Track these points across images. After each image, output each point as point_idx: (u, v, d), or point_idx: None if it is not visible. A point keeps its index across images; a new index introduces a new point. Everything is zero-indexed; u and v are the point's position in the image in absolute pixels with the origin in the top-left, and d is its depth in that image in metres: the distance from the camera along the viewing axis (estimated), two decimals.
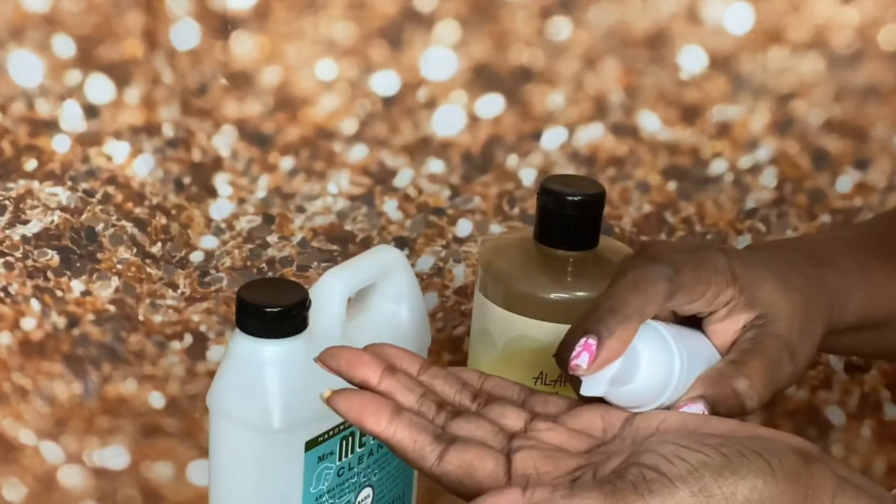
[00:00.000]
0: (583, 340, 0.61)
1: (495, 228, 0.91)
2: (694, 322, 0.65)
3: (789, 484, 0.55)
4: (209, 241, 0.91)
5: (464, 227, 0.91)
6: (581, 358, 0.60)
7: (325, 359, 0.60)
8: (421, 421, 0.59)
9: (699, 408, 0.62)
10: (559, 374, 0.73)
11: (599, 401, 0.62)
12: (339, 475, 0.73)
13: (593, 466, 0.57)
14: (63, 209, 0.90)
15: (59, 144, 0.88)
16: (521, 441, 0.59)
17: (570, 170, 0.89)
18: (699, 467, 0.54)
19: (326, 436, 0.71)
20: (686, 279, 0.63)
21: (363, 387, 0.60)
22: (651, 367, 0.61)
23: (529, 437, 0.60)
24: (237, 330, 0.69)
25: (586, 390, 0.61)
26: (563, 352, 0.63)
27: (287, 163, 0.88)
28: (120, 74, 0.86)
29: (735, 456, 0.54)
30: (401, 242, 0.91)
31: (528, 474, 0.57)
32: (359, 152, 0.88)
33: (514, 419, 0.61)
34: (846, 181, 0.91)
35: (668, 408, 0.62)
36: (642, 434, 0.60)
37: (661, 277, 0.63)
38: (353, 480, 0.74)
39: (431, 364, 0.63)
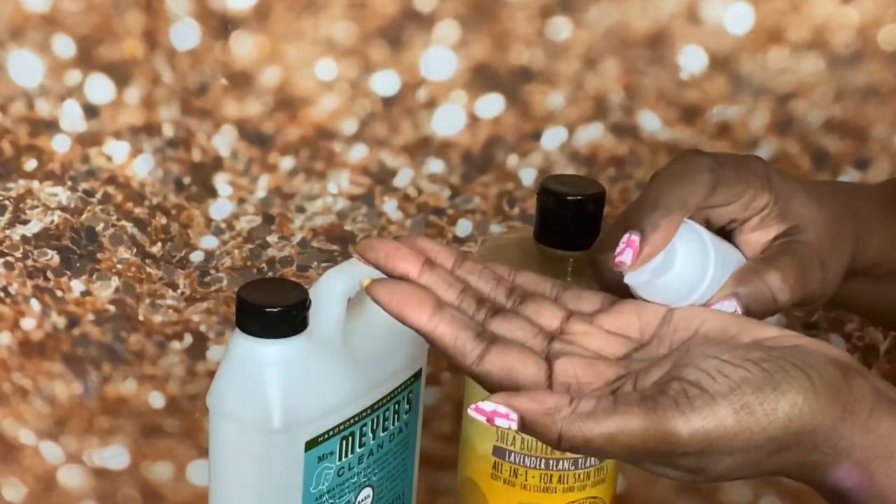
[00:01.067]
0: (626, 236, 0.61)
1: (495, 228, 0.91)
2: (724, 235, 0.65)
3: (829, 399, 0.55)
4: (209, 241, 0.91)
5: (464, 227, 0.91)
6: (625, 255, 0.61)
7: (362, 251, 0.60)
8: (462, 317, 0.59)
9: (732, 304, 0.62)
10: None
11: (631, 296, 0.62)
12: (339, 475, 0.73)
13: (633, 377, 0.57)
14: (63, 209, 0.90)
15: (59, 144, 0.88)
16: (561, 345, 0.60)
17: (570, 170, 0.89)
18: (741, 384, 0.54)
19: (326, 436, 0.71)
20: (728, 174, 0.63)
21: (401, 279, 0.60)
22: (686, 261, 0.61)
23: (568, 342, 0.60)
24: (237, 330, 0.69)
25: (630, 278, 0.61)
26: (599, 251, 0.63)
27: (287, 163, 0.88)
28: (120, 74, 0.86)
29: (777, 371, 0.55)
30: None
31: (569, 383, 0.57)
32: (359, 152, 0.88)
33: (549, 318, 0.61)
34: (846, 181, 0.91)
35: (702, 306, 0.62)
36: (681, 336, 0.60)
37: (704, 169, 0.63)
38: (353, 480, 0.74)
39: (465, 258, 0.63)
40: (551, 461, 0.76)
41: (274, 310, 0.68)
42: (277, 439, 0.69)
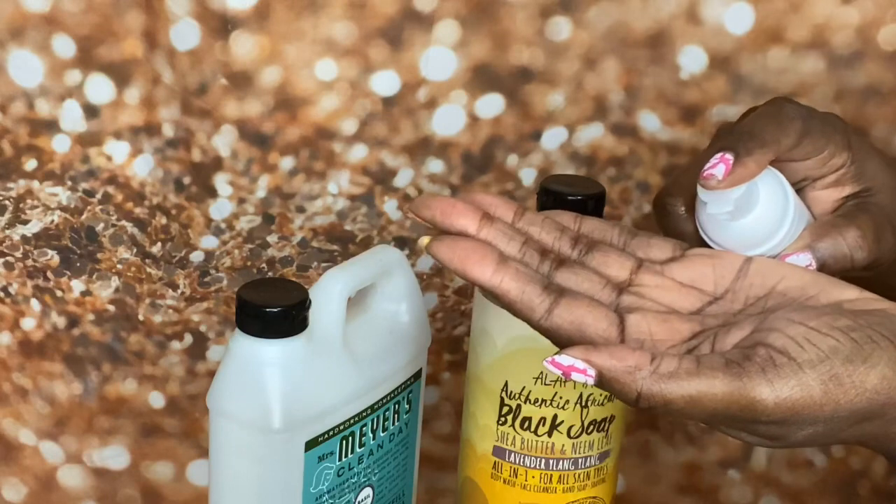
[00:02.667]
0: (719, 154, 0.59)
1: None
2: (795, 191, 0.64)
3: None
4: (209, 241, 0.91)
5: None
6: (717, 168, 0.59)
7: (417, 209, 0.59)
8: (528, 270, 0.57)
9: (807, 258, 0.61)
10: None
11: (703, 245, 0.61)
12: (339, 475, 0.73)
13: (711, 335, 0.56)
14: (63, 209, 0.90)
15: (59, 144, 0.88)
16: (632, 299, 0.58)
17: (570, 170, 0.89)
18: (830, 354, 0.53)
19: (326, 436, 0.71)
20: (816, 126, 0.62)
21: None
22: (767, 206, 0.60)
23: (639, 295, 0.58)
24: (237, 330, 0.69)
25: (714, 207, 0.60)
26: (668, 194, 0.62)
27: (287, 163, 0.88)
28: (120, 74, 0.86)
29: (866, 342, 0.53)
30: (401, 242, 0.91)
31: (643, 339, 0.56)
32: (359, 152, 0.88)
33: (618, 268, 0.59)
34: None
35: (774, 257, 0.60)
36: (757, 291, 0.58)
37: (797, 116, 0.62)
38: (353, 480, 0.74)
39: (525, 209, 0.61)
40: (551, 461, 0.76)
41: (274, 310, 0.68)
42: (277, 439, 0.69)
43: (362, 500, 0.75)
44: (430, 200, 0.59)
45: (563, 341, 0.56)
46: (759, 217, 0.60)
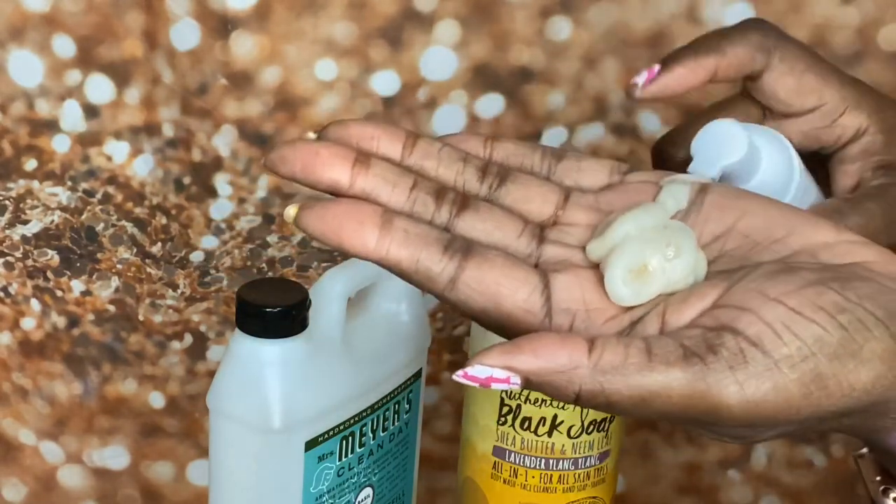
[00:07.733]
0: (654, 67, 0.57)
1: None
2: (817, 162, 0.57)
3: None
4: (209, 241, 0.91)
5: None
6: (640, 76, 0.57)
7: (274, 164, 0.47)
8: (420, 228, 0.46)
9: None
10: None
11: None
12: (339, 475, 0.73)
13: (660, 302, 0.46)
14: (63, 209, 0.90)
15: (59, 144, 0.88)
16: (558, 250, 0.48)
17: None
18: (815, 349, 0.43)
19: (326, 436, 0.71)
20: (798, 56, 0.58)
21: (334, 192, 0.47)
22: (767, 175, 0.54)
23: (566, 243, 0.48)
24: (237, 330, 0.69)
25: (697, 167, 0.52)
26: (667, 142, 0.58)
27: None
28: (120, 74, 0.86)
29: (858, 330, 0.43)
30: None
31: (574, 310, 0.46)
32: None
33: (540, 203, 0.49)
34: None
35: None
36: (713, 228, 0.48)
37: (757, 30, 0.57)
38: (353, 480, 0.74)
39: (419, 137, 0.49)
40: (551, 461, 0.76)
41: (274, 310, 0.68)
42: (277, 439, 0.69)
43: (362, 500, 0.75)
44: (287, 150, 0.47)
45: (475, 314, 0.46)
46: (757, 186, 0.54)
